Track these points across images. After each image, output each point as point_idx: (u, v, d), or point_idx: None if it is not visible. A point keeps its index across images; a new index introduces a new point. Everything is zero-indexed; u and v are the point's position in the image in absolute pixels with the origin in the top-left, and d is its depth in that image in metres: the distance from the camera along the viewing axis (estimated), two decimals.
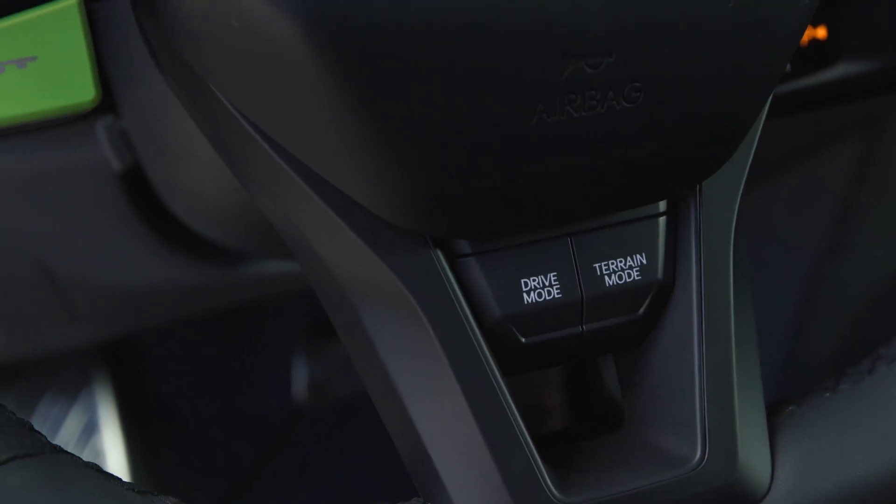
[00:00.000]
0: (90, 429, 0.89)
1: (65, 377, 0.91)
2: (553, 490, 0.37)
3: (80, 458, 0.35)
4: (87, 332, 0.78)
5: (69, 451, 0.35)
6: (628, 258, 0.39)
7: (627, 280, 0.39)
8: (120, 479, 0.35)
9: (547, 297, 0.38)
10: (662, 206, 0.40)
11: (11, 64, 0.33)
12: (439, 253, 0.37)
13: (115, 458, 0.88)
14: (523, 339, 0.38)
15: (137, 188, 0.63)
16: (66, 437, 0.87)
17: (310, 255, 0.39)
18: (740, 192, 0.40)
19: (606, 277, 0.39)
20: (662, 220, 0.40)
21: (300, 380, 0.93)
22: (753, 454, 0.39)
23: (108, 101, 0.42)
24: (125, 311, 0.75)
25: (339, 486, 0.96)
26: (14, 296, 0.71)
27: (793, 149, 0.70)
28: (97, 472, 0.35)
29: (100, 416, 0.91)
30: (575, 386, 0.50)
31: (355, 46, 0.32)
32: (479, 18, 0.32)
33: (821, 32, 0.56)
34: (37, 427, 0.36)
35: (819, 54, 0.56)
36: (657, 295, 0.40)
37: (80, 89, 0.34)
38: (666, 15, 0.34)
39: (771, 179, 0.72)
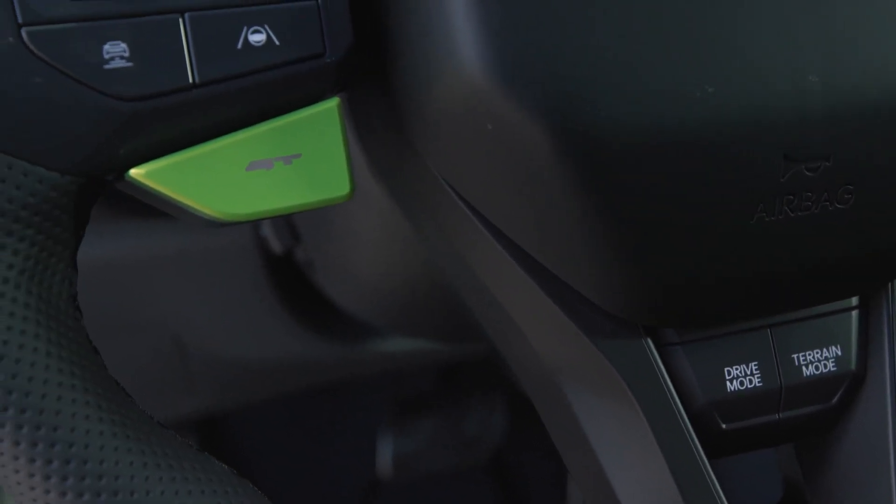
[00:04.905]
0: None
1: None
2: None
3: None
4: (197, 404, 0.79)
5: None
6: (824, 349, 0.41)
7: (823, 371, 0.41)
8: None
9: (749, 386, 0.40)
10: (855, 299, 0.42)
11: (279, 161, 0.35)
12: (650, 341, 0.39)
13: None
14: (724, 425, 0.40)
15: (284, 267, 0.65)
16: None
17: (513, 334, 0.40)
18: None
19: (804, 368, 0.41)
20: (855, 313, 0.41)
21: (385, 455, 0.95)
22: None
23: None
24: (241, 383, 0.77)
25: None
26: (143, 367, 0.72)
27: None
28: None
29: None
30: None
31: (598, 152, 0.34)
32: (715, 127, 0.35)
33: None
34: None
35: None
36: (850, 385, 0.41)
37: (338, 184, 0.36)
38: (881, 122, 0.36)
39: None
